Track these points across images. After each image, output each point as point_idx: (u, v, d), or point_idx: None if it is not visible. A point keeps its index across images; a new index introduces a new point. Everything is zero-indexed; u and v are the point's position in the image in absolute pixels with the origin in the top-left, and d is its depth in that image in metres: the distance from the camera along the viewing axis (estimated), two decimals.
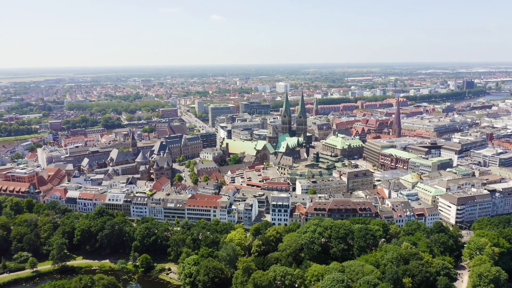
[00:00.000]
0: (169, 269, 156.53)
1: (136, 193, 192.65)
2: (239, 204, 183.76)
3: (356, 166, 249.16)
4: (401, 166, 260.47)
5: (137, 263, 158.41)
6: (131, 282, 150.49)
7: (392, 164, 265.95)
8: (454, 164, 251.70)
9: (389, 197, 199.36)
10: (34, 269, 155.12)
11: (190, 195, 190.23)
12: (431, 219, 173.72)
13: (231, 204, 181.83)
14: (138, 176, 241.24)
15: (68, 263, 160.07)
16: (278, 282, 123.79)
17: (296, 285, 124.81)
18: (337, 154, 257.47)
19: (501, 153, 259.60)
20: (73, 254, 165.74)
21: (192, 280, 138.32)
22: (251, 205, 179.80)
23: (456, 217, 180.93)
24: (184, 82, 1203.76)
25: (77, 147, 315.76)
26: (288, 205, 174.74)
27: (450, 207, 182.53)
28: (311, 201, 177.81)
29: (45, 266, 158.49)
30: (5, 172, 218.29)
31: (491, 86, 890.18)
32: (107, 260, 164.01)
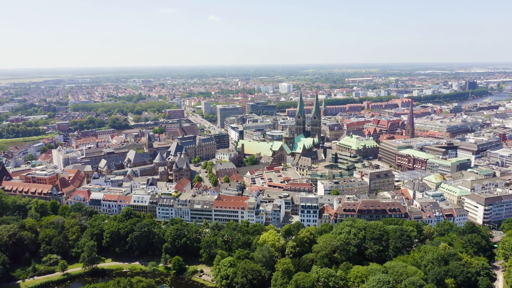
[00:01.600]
0: (202, 271, 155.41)
1: (162, 194, 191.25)
2: (266, 205, 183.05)
3: (377, 166, 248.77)
4: (419, 167, 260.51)
5: (168, 265, 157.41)
6: (164, 284, 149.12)
7: (410, 164, 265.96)
8: (472, 165, 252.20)
9: (414, 197, 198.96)
10: (65, 272, 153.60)
11: (216, 197, 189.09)
12: (459, 219, 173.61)
13: (258, 205, 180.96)
14: (157, 177, 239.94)
15: (98, 265, 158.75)
16: (320, 284, 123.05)
17: (337, 287, 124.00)
18: (356, 155, 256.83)
19: None
20: (101, 257, 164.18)
21: (229, 282, 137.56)
22: (279, 206, 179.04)
23: (484, 217, 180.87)
24: (185, 83, 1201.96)
25: (89, 148, 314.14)
26: (317, 206, 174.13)
27: (477, 207, 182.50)
28: (339, 202, 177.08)
29: (75, 269, 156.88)
30: (25, 174, 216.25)
31: (493, 86, 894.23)
32: (137, 262, 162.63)
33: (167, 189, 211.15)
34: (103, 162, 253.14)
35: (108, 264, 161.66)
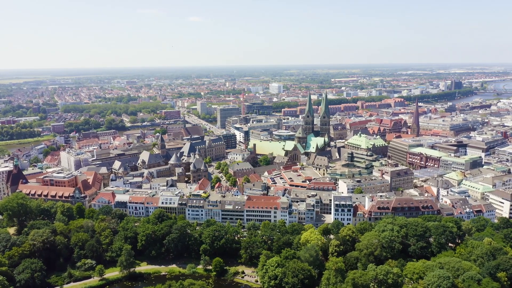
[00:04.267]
0: (243, 272, 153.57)
1: (191, 195, 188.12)
2: (298, 204, 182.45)
3: (396, 165, 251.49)
4: (431, 165, 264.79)
5: (208, 267, 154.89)
6: (208, 287, 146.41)
7: (422, 162, 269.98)
8: (482, 162, 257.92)
9: (438, 194, 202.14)
10: (102, 277, 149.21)
11: (246, 197, 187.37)
12: (488, 215, 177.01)
13: (290, 205, 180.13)
14: (174, 178, 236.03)
15: (135, 269, 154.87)
16: (376, 282, 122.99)
17: (396, 284, 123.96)
18: (372, 153, 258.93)
19: None
20: (136, 260, 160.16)
21: (278, 283, 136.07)
22: (313, 205, 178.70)
23: (510, 213, 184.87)
24: (171, 84, 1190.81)
25: (94, 149, 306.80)
26: (351, 204, 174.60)
27: (503, 203, 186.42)
28: (372, 200, 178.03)
29: (112, 273, 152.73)
30: (42, 177, 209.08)
31: (477, 86, 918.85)
32: (174, 265, 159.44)
33: (189, 190, 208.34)
34: (117, 164, 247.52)
35: (144, 267, 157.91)
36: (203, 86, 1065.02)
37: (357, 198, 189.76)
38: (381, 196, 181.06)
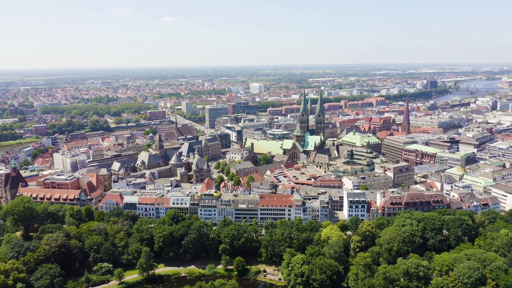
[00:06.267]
0: (264, 271, 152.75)
1: (203, 195, 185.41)
2: (311, 201, 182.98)
3: (398, 161, 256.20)
4: (427, 161, 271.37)
5: (228, 267, 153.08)
6: (239, 287, 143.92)
7: (417, 159, 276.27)
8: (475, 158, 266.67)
9: (441, 189, 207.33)
10: (121, 280, 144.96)
11: (258, 196, 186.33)
12: (494, 208, 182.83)
13: (304, 203, 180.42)
14: (176, 178, 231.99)
15: (155, 271, 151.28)
16: (407, 275, 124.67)
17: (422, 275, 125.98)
18: (372, 151, 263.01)
19: None
20: (153, 262, 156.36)
21: (305, 280, 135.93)
22: (327, 202, 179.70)
23: None
24: (148, 84, 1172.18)
25: (85, 151, 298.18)
26: (365, 200, 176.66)
27: (506, 196, 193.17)
28: (384, 196, 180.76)
29: (131, 276, 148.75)
30: (42, 179, 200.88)
31: (451, 85, 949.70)
32: (193, 266, 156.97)
33: (194, 190, 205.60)
34: (116, 165, 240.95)
35: (162, 269, 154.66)
36: (181, 87, 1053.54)
37: (366, 194, 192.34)
38: (392, 192, 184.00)
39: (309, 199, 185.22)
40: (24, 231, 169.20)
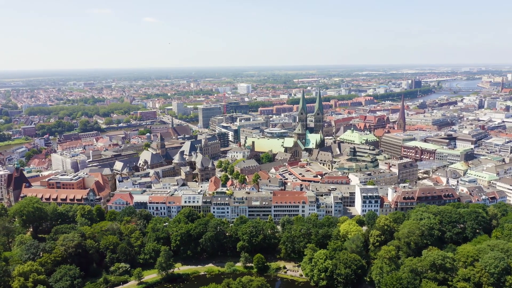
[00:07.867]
0: (284, 267, 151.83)
1: (216, 193, 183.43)
2: (324, 198, 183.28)
3: (401, 158, 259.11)
4: (426, 157, 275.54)
5: (247, 264, 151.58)
6: (267, 284, 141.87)
7: (417, 155, 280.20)
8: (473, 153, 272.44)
9: (447, 184, 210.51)
10: (141, 280, 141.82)
11: (270, 193, 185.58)
12: (501, 201, 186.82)
13: (317, 199, 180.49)
14: (181, 177, 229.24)
15: (174, 271, 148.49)
16: (434, 267, 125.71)
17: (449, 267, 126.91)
18: (374, 148, 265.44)
19: (509, 141, 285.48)
20: (171, 261, 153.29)
21: (329, 275, 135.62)
22: (341, 198, 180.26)
23: None
24: (132, 85, 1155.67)
25: (80, 151, 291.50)
26: (378, 196, 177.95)
27: (511, 189, 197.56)
28: (395, 191, 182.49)
29: (149, 276, 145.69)
30: (47, 180, 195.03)
31: (434, 85, 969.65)
32: (211, 264, 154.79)
33: (200, 188, 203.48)
34: (118, 165, 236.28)
35: (182, 268, 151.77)
36: (167, 87, 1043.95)
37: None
38: (404, 186, 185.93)
39: (321, 195, 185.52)
40: (33, 232, 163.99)
